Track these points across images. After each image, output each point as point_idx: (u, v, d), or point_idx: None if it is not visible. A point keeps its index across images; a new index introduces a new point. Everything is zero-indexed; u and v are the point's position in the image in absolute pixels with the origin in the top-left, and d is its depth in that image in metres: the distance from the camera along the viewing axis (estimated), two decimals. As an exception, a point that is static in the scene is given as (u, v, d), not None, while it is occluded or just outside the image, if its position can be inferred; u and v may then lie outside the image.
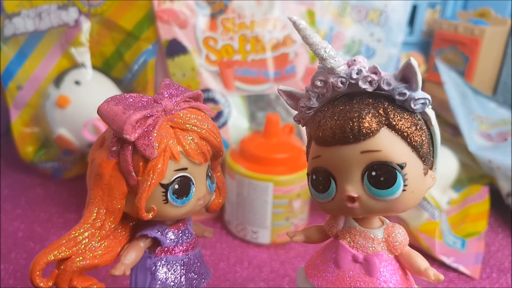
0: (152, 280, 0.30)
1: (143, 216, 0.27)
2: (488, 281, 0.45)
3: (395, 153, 0.23)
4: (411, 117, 0.24)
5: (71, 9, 0.55)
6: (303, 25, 0.25)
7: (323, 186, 0.25)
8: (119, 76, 0.58)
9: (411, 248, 0.27)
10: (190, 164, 0.28)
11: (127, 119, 0.26)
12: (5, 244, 0.48)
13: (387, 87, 0.24)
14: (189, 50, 0.53)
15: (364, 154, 0.23)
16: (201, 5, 0.53)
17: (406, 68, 0.23)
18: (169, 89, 0.30)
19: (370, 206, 0.24)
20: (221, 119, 0.55)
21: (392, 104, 0.24)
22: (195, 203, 0.29)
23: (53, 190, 0.60)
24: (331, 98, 0.26)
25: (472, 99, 0.67)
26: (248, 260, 0.47)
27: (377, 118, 0.23)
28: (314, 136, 0.25)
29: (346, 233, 0.27)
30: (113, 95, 0.28)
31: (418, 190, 0.25)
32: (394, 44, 0.76)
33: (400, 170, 0.23)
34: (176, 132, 0.27)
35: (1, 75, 0.56)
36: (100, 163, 0.28)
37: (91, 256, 0.28)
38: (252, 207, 0.48)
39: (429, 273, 0.26)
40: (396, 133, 0.23)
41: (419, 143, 0.24)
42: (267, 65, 0.55)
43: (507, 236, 0.53)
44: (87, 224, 0.28)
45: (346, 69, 0.24)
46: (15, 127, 0.59)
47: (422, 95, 0.24)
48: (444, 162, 0.56)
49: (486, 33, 0.72)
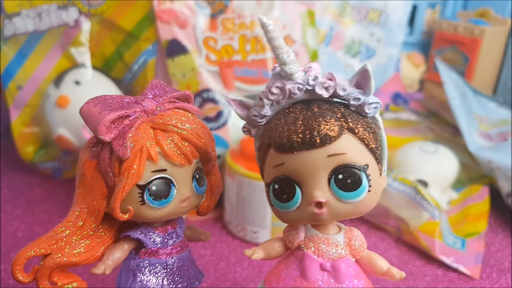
0: (133, 281, 0.30)
1: (118, 217, 0.27)
2: (488, 281, 0.45)
3: (358, 155, 0.24)
4: (365, 122, 0.25)
5: (71, 9, 0.55)
6: (271, 27, 0.25)
7: (287, 195, 0.25)
8: (119, 76, 0.58)
9: (370, 251, 0.28)
10: (170, 166, 0.27)
11: (101, 120, 0.26)
12: (5, 244, 0.48)
13: (342, 92, 0.24)
14: (189, 50, 0.54)
15: (331, 157, 0.24)
16: (201, 5, 0.54)
17: (362, 74, 0.24)
18: (154, 90, 0.29)
19: (337, 210, 0.24)
20: (221, 119, 0.55)
21: (348, 110, 0.25)
22: (177, 205, 0.28)
23: (53, 190, 0.60)
24: (283, 106, 0.26)
25: (472, 99, 0.67)
26: (248, 260, 0.47)
27: (339, 123, 0.24)
28: (275, 143, 0.25)
29: (309, 242, 0.27)
30: (94, 96, 0.28)
31: (378, 190, 0.25)
32: (394, 44, 0.76)
33: (365, 171, 0.24)
34: (156, 133, 0.27)
35: (1, 75, 0.56)
36: (83, 163, 0.28)
37: (70, 254, 0.28)
38: (252, 207, 0.48)
39: (392, 272, 0.26)
40: (356, 137, 0.24)
41: (375, 146, 0.25)
42: (267, 65, 0.56)
43: (507, 236, 0.53)
44: (70, 222, 0.28)
45: (302, 75, 0.25)
46: (15, 127, 0.59)
47: (374, 100, 0.25)
48: (444, 162, 0.56)
49: (486, 33, 0.72)
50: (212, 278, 0.44)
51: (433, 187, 0.53)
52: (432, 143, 0.58)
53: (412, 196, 0.49)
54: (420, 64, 0.84)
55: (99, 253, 0.29)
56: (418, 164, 0.55)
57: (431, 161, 0.55)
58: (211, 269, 0.45)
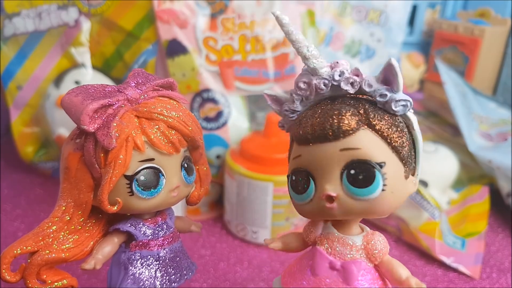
0: (125, 275, 0.29)
1: (106, 209, 0.26)
2: (488, 281, 0.45)
3: (374, 152, 0.23)
4: (391, 119, 0.24)
5: (71, 9, 0.55)
6: (286, 20, 0.25)
7: (302, 186, 0.25)
8: (119, 76, 0.58)
9: (392, 258, 0.26)
10: (158, 155, 0.27)
11: (83, 109, 0.25)
12: (5, 244, 0.48)
13: (368, 88, 0.24)
14: (189, 50, 0.53)
15: (343, 152, 0.23)
16: (201, 5, 0.53)
17: (387, 69, 0.23)
18: (136, 78, 0.29)
19: (349, 207, 0.24)
20: (221, 119, 0.55)
21: (373, 106, 0.24)
22: (166, 195, 0.28)
23: (53, 190, 0.60)
24: (314, 102, 0.26)
25: (472, 99, 0.67)
26: (248, 260, 0.47)
27: (357, 117, 0.23)
28: (295, 135, 0.25)
29: (324, 239, 0.27)
30: (76, 87, 0.27)
31: (398, 192, 0.24)
32: (394, 44, 0.76)
33: (379, 169, 0.23)
34: (141, 122, 0.26)
35: (1, 75, 0.56)
36: (67, 156, 0.27)
37: (58, 249, 0.27)
38: (252, 207, 0.48)
39: (410, 282, 0.25)
40: (376, 133, 0.23)
41: (399, 144, 0.24)
42: (267, 65, 0.55)
43: (507, 236, 0.53)
44: (56, 217, 0.28)
45: (329, 70, 0.25)
46: (15, 127, 0.59)
47: (403, 97, 0.24)
48: (444, 162, 0.56)
49: (486, 33, 0.72)
50: (212, 278, 0.44)
51: (433, 187, 0.53)
52: (432, 143, 0.58)
53: (412, 196, 0.49)
54: (420, 64, 0.84)
55: (88, 248, 0.28)
56: (418, 164, 0.55)
57: (431, 161, 0.55)
58: (211, 269, 0.45)
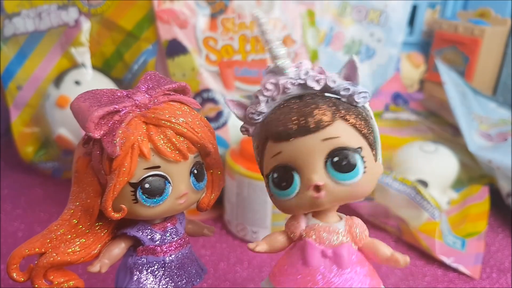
0: (130, 280, 0.29)
1: (110, 215, 0.26)
2: (488, 281, 0.45)
3: (351, 139, 0.25)
4: (356, 111, 0.26)
5: (71, 9, 0.55)
6: (264, 20, 0.26)
7: (286, 182, 0.26)
8: (119, 76, 0.58)
9: (373, 238, 0.28)
10: (164, 162, 0.26)
11: (89, 116, 0.25)
12: (5, 244, 0.48)
13: (332, 84, 0.26)
14: (189, 50, 0.53)
15: (325, 141, 0.25)
16: (201, 5, 0.54)
17: (349, 65, 0.26)
18: (147, 83, 0.28)
19: (335, 193, 0.25)
20: (221, 119, 0.55)
21: (339, 100, 0.26)
22: (173, 202, 0.27)
23: (53, 190, 0.60)
24: (279, 102, 0.27)
25: (472, 99, 0.67)
26: (248, 260, 0.47)
27: (331, 110, 0.25)
28: (271, 134, 0.26)
29: (310, 231, 0.27)
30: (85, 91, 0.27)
31: (375, 174, 0.26)
32: (394, 44, 0.76)
33: (360, 153, 0.25)
34: (149, 128, 0.26)
35: (1, 75, 0.56)
36: (77, 160, 0.27)
37: (64, 252, 0.27)
38: (252, 207, 0.48)
39: (397, 257, 0.27)
40: (347, 122, 0.25)
41: (367, 131, 0.26)
42: (267, 65, 0.55)
43: (507, 236, 0.53)
44: (64, 220, 0.28)
45: (295, 70, 0.26)
46: (15, 127, 0.59)
47: (363, 89, 0.26)
48: (444, 162, 0.56)
49: (486, 33, 0.72)
50: (212, 278, 0.44)
51: (433, 187, 0.53)
52: (432, 143, 0.58)
53: (412, 196, 0.49)
54: (420, 64, 0.84)
55: (95, 251, 0.28)
56: (418, 164, 0.55)
57: (431, 161, 0.55)
58: (211, 269, 0.45)
